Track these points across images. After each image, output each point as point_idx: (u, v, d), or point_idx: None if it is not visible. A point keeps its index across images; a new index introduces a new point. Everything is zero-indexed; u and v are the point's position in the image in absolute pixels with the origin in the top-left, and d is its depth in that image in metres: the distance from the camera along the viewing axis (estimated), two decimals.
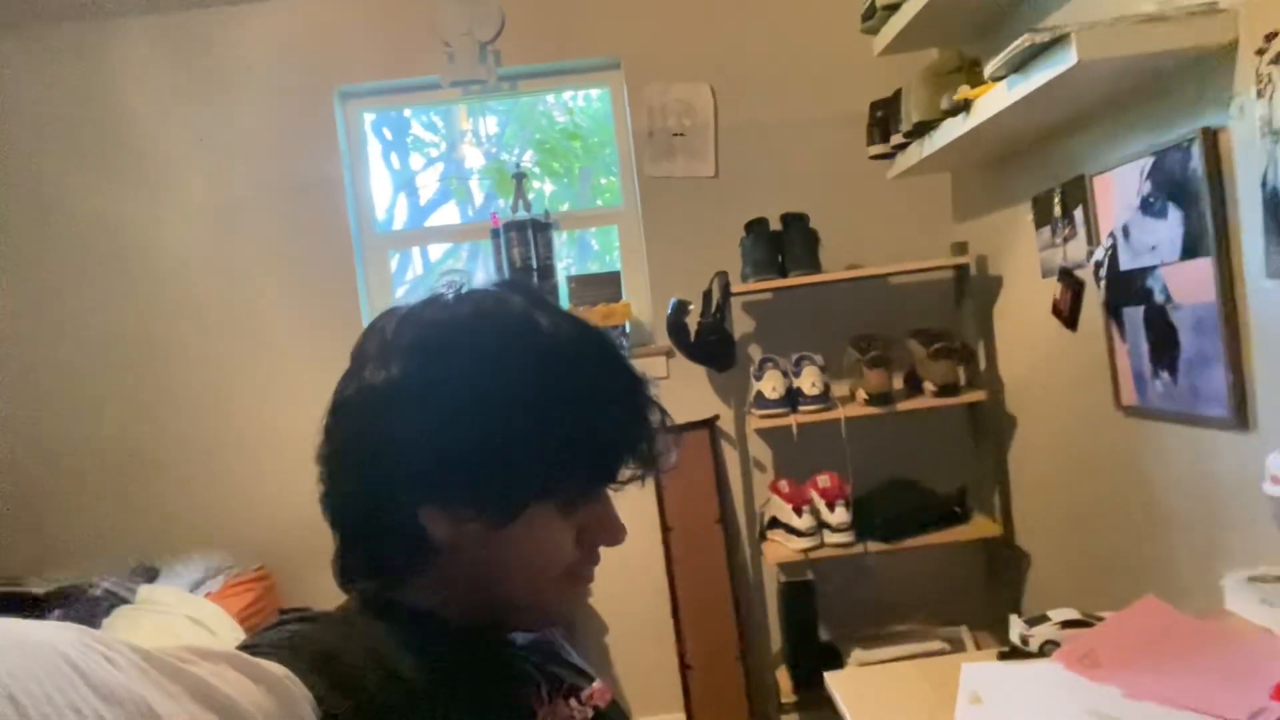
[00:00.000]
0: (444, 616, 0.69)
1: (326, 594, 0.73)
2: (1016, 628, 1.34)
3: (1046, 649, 1.27)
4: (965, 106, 1.96)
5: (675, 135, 2.84)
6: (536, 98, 3.41)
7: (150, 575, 2.33)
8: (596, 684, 0.78)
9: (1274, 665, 1.01)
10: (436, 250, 3.66)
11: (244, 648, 0.57)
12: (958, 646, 2.55)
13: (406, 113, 3.58)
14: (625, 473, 0.71)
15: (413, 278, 3.58)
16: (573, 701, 0.73)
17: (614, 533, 0.73)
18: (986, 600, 2.75)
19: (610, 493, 0.73)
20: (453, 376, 0.65)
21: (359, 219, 2.96)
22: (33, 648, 0.38)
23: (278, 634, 0.60)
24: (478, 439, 0.64)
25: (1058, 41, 1.51)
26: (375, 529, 0.68)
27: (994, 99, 1.83)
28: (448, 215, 3.77)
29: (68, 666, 0.38)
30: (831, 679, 1.34)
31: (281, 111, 2.83)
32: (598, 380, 0.69)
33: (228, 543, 2.65)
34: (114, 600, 2.14)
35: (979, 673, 1.24)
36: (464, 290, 0.71)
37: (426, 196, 3.86)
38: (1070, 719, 1.05)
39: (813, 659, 2.52)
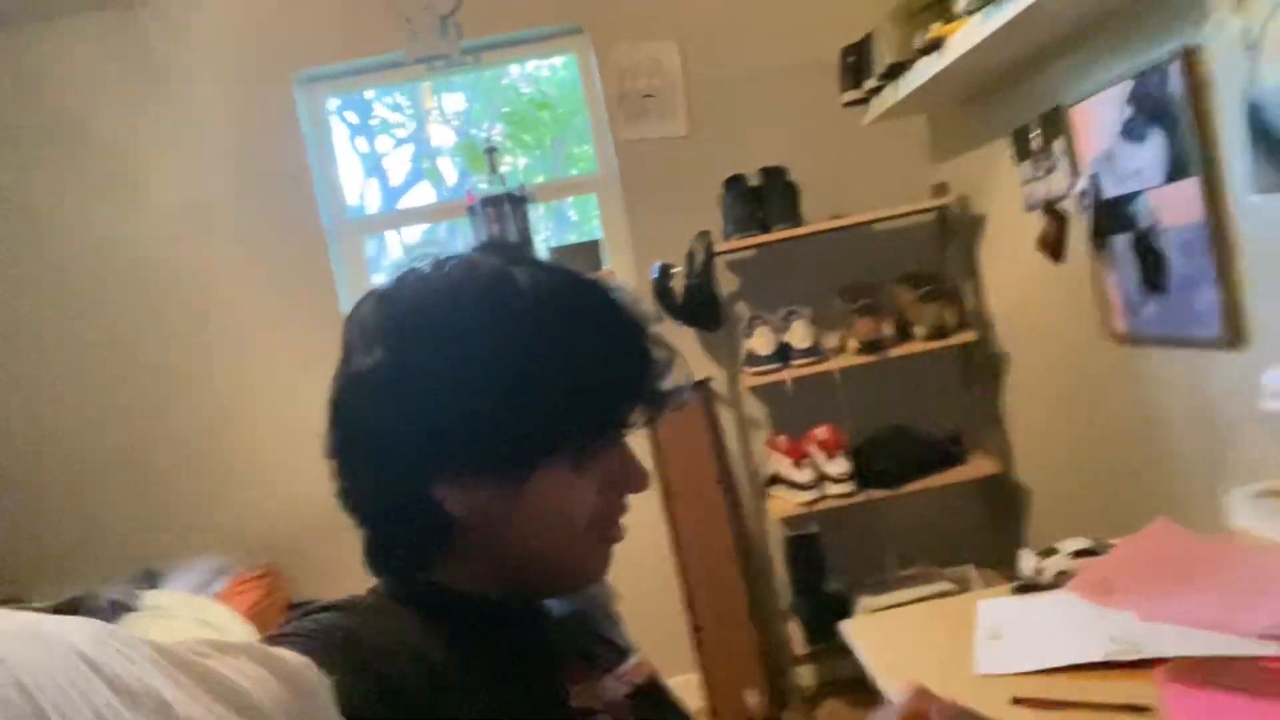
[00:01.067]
0: (474, 594, 0.68)
1: (334, 585, 0.72)
2: (1028, 561, 1.34)
3: (1060, 580, 1.27)
4: (938, 44, 1.93)
5: (645, 96, 2.79)
6: (501, 70, 3.35)
7: (153, 581, 2.31)
8: (634, 659, 0.77)
9: None
10: (412, 233, 3.62)
11: (271, 637, 0.57)
12: (965, 586, 2.57)
13: (369, 94, 3.52)
14: (635, 416, 0.69)
15: (390, 262, 3.54)
16: (607, 679, 0.72)
17: (635, 478, 0.71)
18: (990, 538, 2.78)
19: (627, 440, 0.71)
20: (436, 349, 0.64)
21: (330, 206, 2.91)
22: (47, 641, 0.38)
23: (304, 623, 0.60)
24: (472, 407, 0.63)
25: None
26: (393, 515, 0.67)
27: (967, 34, 1.81)
28: (421, 196, 3.72)
29: (82, 661, 0.38)
30: (848, 627, 1.34)
31: (241, 101, 2.77)
32: (586, 328, 0.67)
33: (228, 542, 2.63)
34: (120, 609, 2.12)
35: (995, 608, 1.25)
36: (437, 260, 0.69)
37: (397, 179, 3.81)
38: (1089, 646, 1.06)
39: (823, 610, 2.54)
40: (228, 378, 2.78)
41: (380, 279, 0.71)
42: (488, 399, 0.63)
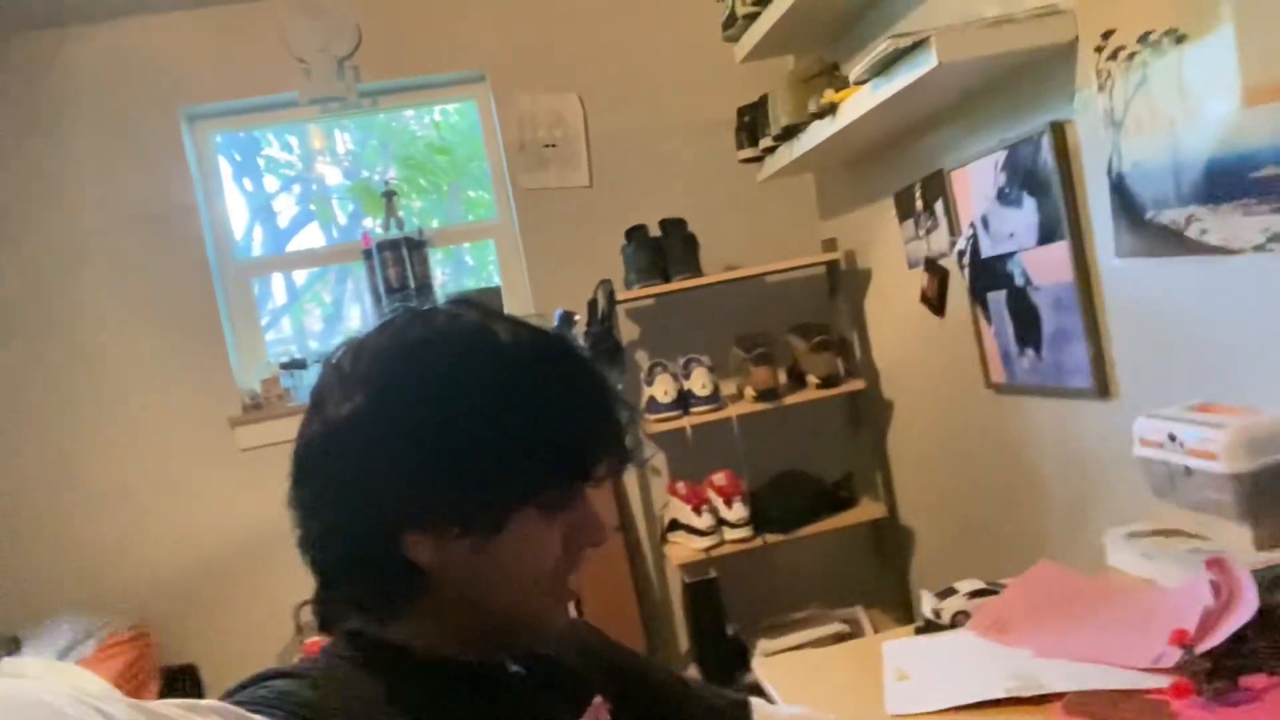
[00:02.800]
0: (435, 654, 0.68)
1: (210, 646, 0.70)
2: (928, 602, 1.40)
3: (959, 619, 1.34)
4: (832, 109, 2.04)
5: (547, 146, 2.83)
6: (396, 113, 3.33)
7: (12, 647, 2.12)
8: (594, 702, 0.77)
9: (1164, 613, 1.10)
10: (301, 276, 3.51)
11: (228, 703, 0.55)
12: (855, 627, 2.65)
13: (255, 133, 3.42)
14: (600, 469, 0.72)
15: (274, 307, 3.42)
16: None
17: (597, 532, 0.73)
18: (877, 579, 2.87)
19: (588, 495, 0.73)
20: (417, 397, 0.65)
21: (217, 247, 2.80)
22: (25, 706, 0.37)
23: (258, 691, 0.58)
24: (451, 455, 0.64)
25: (918, 45, 1.60)
26: (360, 565, 0.66)
27: (859, 101, 1.92)
28: (310, 238, 3.62)
29: None
30: (760, 669, 1.37)
31: (124, 137, 2.65)
32: (563, 382, 0.70)
33: (97, 602, 2.45)
34: None
35: (900, 649, 1.29)
36: (416, 312, 0.70)
37: (286, 220, 3.69)
38: (991, 683, 1.11)
39: (721, 655, 2.57)
40: (104, 426, 2.61)
41: (267, 323, 0.71)
42: (468, 447, 0.64)
